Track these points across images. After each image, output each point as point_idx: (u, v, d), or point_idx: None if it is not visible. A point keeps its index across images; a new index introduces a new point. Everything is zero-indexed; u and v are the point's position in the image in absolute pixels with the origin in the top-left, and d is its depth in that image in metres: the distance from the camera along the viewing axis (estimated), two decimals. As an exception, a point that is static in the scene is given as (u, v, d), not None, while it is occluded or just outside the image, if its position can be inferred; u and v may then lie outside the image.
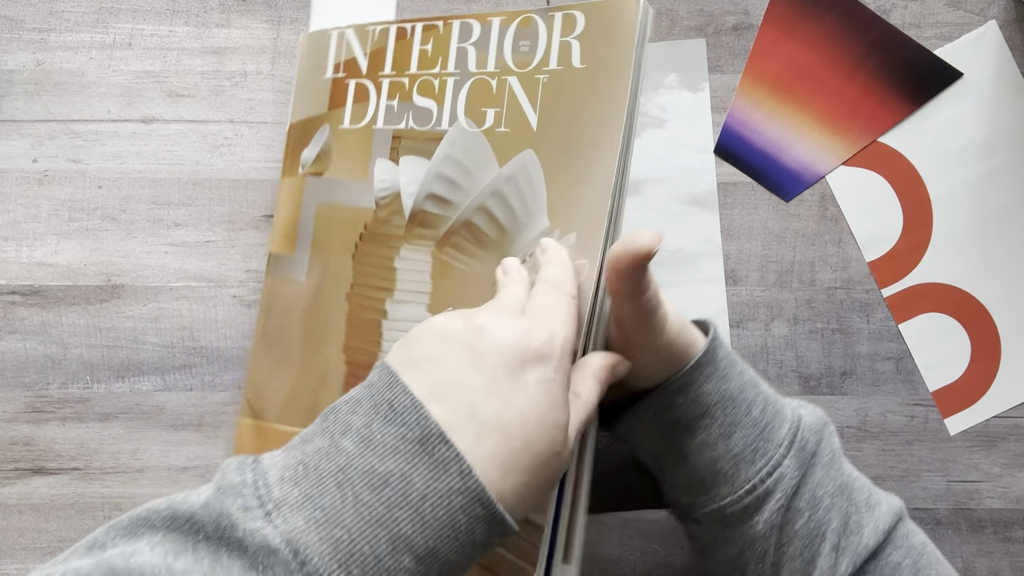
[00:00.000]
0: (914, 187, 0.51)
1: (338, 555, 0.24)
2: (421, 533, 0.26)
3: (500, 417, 0.28)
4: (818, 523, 0.37)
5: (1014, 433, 0.50)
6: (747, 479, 0.37)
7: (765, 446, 0.37)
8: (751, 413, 0.37)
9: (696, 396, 0.37)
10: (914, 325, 0.50)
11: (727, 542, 0.38)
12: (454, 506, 0.26)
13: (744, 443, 0.37)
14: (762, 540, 0.37)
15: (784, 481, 0.37)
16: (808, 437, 0.37)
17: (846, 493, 0.38)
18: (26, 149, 0.50)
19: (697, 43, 0.51)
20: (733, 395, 0.37)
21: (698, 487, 0.39)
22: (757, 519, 0.37)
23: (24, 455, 0.50)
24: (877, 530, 0.37)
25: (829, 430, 0.39)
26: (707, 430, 0.37)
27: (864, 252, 0.51)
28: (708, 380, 0.37)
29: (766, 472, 0.37)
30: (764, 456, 0.37)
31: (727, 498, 0.37)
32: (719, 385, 0.37)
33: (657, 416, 0.38)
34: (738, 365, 0.39)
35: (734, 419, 0.37)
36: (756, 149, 0.51)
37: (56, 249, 0.50)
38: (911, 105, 0.50)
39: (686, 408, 0.37)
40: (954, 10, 0.51)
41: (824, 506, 0.37)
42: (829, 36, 0.50)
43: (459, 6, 0.51)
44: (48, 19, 0.50)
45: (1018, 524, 0.50)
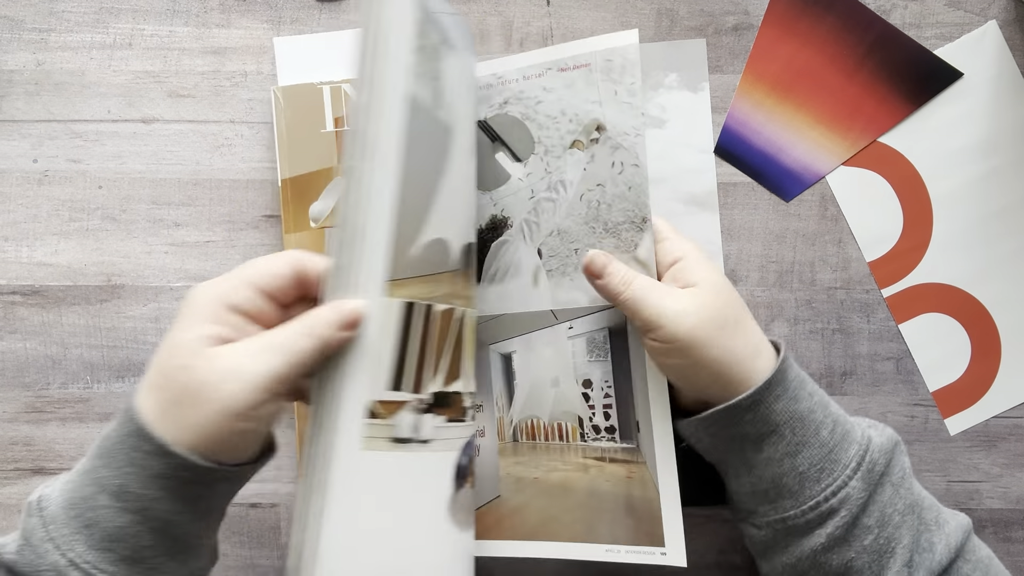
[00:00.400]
0: (914, 187, 0.50)
1: (64, 502, 0.33)
2: (113, 474, 0.33)
3: (159, 373, 0.34)
4: (888, 539, 0.37)
5: (1014, 433, 0.50)
6: (811, 496, 0.38)
7: (832, 466, 0.38)
8: (820, 434, 0.38)
9: (765, 415, 0.38)
10: (914, 325, 0.50)
11: (787, 549, 0.39)
12: (128, 446, 0.33)
13: (810, 462, 0.38)
14: (823, 552, 0.38)
15: (850, 501, 0.37)
16: (877, 459, 0.38)
17: (916, 512, 0.38)
18: (26, 149, 0.50)
19: (697, 43, 0.51)
20: (802, 415, 0.38)
21: (761, 497, 0.40)
22: (820, 532, 0.38)
23: (24, 455, 0.50)
24: (949, 547, 0.38)
25: (900, 450, 0.40)
26: (774, 447, 0.38)
27: (864, 252, 0.51)
28: (778, 400, 0.38)
29: (831, 491, 0.37)
30: (830, 475, 0.38)
31: (790, 511, 0.38)
32: (788, 405, 0.38)
33: (725, 428, 0.39)
34: (808, 385, 0.39)
35: (802, 438, 0.38)
36: (756, 149, 0.51)
37: (56, 249, 0.50)
38: (911, 105, 0.50)
39: (754, 425, 0.38)
40: (954, 10, 0.51)
41: (894, 523, 0.38)
42: (829, 36, 0.50)
43: (459, 6, 0.51)
44: (48, 19, 0.51)
45: (1018, 524, 0.50)
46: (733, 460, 0.40)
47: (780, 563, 0.40)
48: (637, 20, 0.51)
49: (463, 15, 0.51)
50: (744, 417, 0.38)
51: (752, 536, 0.41)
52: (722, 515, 0.49)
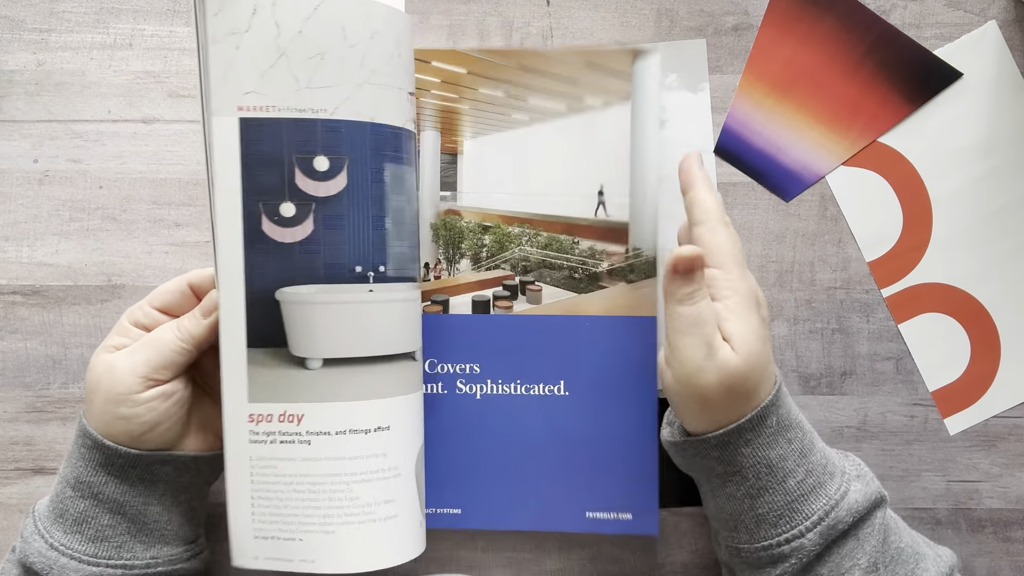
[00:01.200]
0: (914, 187, 0.51)
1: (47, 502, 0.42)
2: (71, 469, 0.41)
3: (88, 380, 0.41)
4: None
5: (1014, 433, 0.50)
6: (764, 538, 0.38)
7: (791, 516, 0.38)
8: (786, 482, 0.38)
9: (731, 456, 0.38)
10: (914, 325, 0.50)
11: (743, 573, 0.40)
12: (79, 444, 0.41)
13: (770, 507, 0.38)
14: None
15: (803, 551, 0.37)
16: (843, 516, 0.37)
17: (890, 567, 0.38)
18: (27, 149, 0.50)
19: (697, 43, 0.51)
20: (771, 462, 0.38)
21: (722, 523, 0.41)
22: (771, 571, 0.38)
23: (25, 455, 0.50)
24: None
25: (881, 505, 0.39)
26: (737, 486, 0.39)
27: (864, 252, 0.51)
28: (748, 444, 0.38)
29: (784, 539, 0.38)
30: (788, 523, 0.38)
31: (743, 544, 0.39)
32: (758, 451, 0.38)
33: (693, 457, 0.40)
34: (789, 432, 0.38)
35: (765, 484, 0.38)
36: (756, 149, 0.51)
37: (57, 249, 0.50)
38: (911, 105, 0.50)
39: (720, 463, 0.39)
40: (954, 10, 0.51)
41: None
42: (829, 36, 0.50)
43: (459, 6, 0.51)
44: (49, 19, 0.51)
45: (1018, 524, 0.50)
46: (701, 484, 0.42)
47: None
48: (637, 20, 0.51)
49: (463, 15, 0.51)
50: (711, 453, 0.39)
51: (717, 552, 0.43)
52: (722, 515, 0.49)
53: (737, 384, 0.37)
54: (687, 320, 0.37)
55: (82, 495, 0.40)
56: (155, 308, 0.42)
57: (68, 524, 0.40)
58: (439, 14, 0.51)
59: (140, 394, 0.39)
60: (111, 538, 0.40)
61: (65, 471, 0.41)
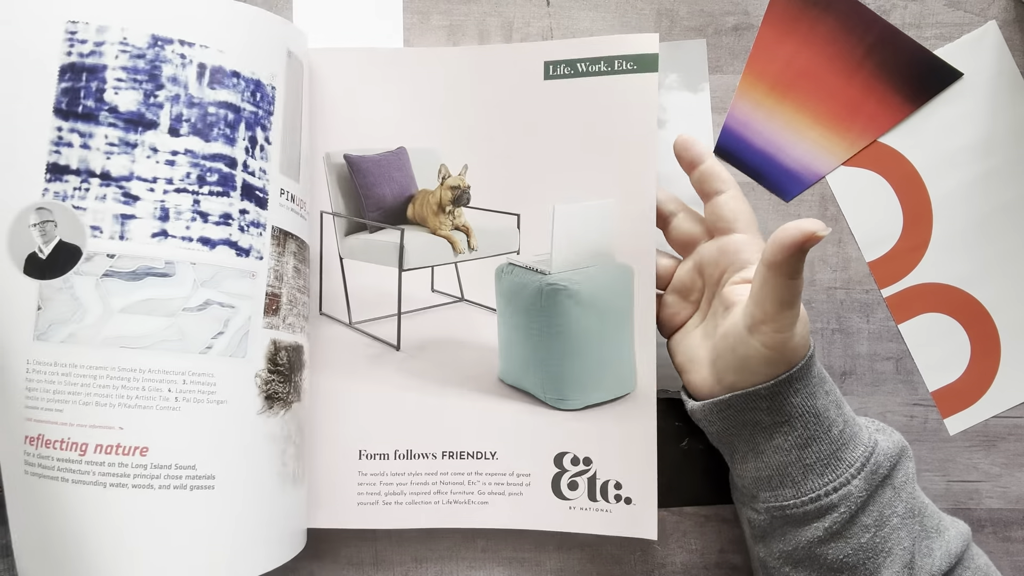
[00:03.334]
0: (914, 187, 0.51)
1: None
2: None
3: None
4: (884, 540, 0.38)
5: (1013, 433, 0.50)
6: (813, 489, 0.39)
7: (837, 464, 0.39)
8: (830, 431, 0.39)
9: (782, 405, 0.39)
10: (914, 325, 0.50)
11: (784, 537, 0.40)
12: None
13: (817, 456, 0.39)
14: (819, 544, 0.39)
15: (850, 499, 0.38)
16: (882, 462, 0.39)
17: (917, 517, 0.39)
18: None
19: (697, 43, 0.51)
20: (817, 411, 0.39)
21: (764, 483, 0.41)
22: (817, 525, 0.39)
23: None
24: (949, 553, 0.39)
25: (906, 455, 0.41)
26: (785, 436, 0.39)
27: (864, 252, 0.51)
28: (797, 394, 0.39)
29: (832, 487, 0.38)
30: (834, 472, 0.39)
31: (790, 500, 0.40)
32: (806, 400, 0.39)
33: (740, 413, 0.40)
34: (826, 384, 0.40)
35: (813, 433, 0.39)
36: (756, 149, 0.51)
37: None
38: (911, 105, 0.50)
39: (769, 414, 0.39)
40: (954, 10, 0.51)
41: (891, 525, 0.38)
42: (829, 36, 0.50)
43: (459, 6, 0.51)
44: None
45: (1017, 524, 0.50)
46: (741, 445, 0.41)
47: (777, 549, 0.41)
48: (637, 20, 0.51)
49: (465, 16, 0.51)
50: (761, 405, 0.39)
51: (751, 520, 0.42)
52: (722, 515, 0.49)
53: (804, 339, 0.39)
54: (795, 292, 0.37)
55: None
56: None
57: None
58: (439, 14, 0.51)
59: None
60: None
61: None
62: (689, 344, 0.44)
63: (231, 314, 0.40)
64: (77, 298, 0.37)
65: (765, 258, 0.37)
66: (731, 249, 0.42)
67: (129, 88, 0.38)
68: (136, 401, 0.37)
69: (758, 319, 0.38)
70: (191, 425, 0.38)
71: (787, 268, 0.37)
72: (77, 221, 0.37)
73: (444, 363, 0.48)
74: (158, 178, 0.38)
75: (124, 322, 0.37)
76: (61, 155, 0.37)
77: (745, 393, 0.39)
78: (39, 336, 0.37)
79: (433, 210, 0.49)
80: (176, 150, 0.38)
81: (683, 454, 0.49)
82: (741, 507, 0.44)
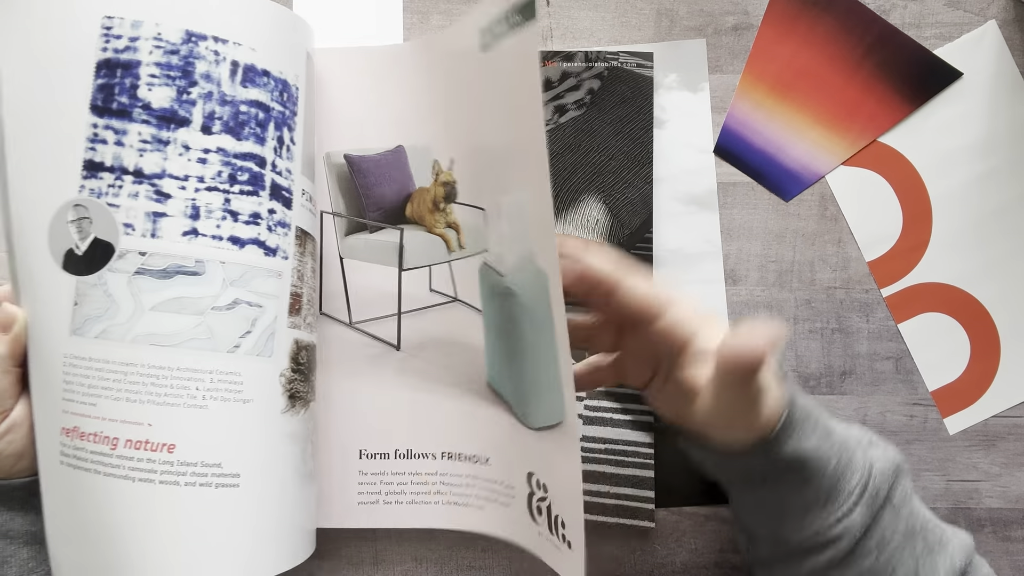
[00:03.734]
0: (914, 187, 0.51)
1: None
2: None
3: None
4: (887, 562, 0.38)
5: (1013, 432, 0.50)
6: (813, 524, 0.38)
7: (836, 496, 0.38)
8: (826, 469, 0.38)
9: (775, 460, 0.38)
10: (913, 325, 0.50)
11: (788, 567, 0.40)
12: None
13: (815, 495, 0.38)
14: (821, 572, 0.38)
15: (853, 528, 0.37)
16: (880, 484, 0.38)
17: (919, 534, 0.39)
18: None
19: (697, 43, 0.51)
20: (808, 454, 0.38)
21: (763, 521, 0.40)
22: (819, 557, 0.38)
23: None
24: (954, 569, 0.38)
25: (902, 471, 0.40)
26: (781, 484, 0.38)
27: (864, 252, 0.51)
28: (786, 443, 0.37)
29: (835, 519, 0.38)
30: (834, 505, 0.38)
31: (792, 535, 0.39)
32: (797, 444, 0.38)
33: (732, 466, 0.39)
34: (812, 417, 0.38)
35: (809, 474, 0.38)
36: (756, 149, 0.51)
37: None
38: (911, 105, 0.50)
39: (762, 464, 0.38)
40: (954, 10, 0.51)
41: (894, 545, 0.38)
42: (829, 36, 0.50)
43: (459, 6, 0.51)
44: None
45: (1017, 523, 0.50)
46: (735, 485, 0.41)
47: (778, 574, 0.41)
48: (637, 20, 0.51)
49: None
50: (752, 461, 0.38)
51: (750, 551, 0.42)
52: (722, 515, 0.49)
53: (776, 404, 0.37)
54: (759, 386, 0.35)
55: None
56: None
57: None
58: (439, 14, 0.51)
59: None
60: (36, 569, 0.39)
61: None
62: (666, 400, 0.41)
63: (259, 314, 0.40)
64: (110, 295, 0.37)
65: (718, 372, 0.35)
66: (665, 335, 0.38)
67: (162, 84, 0.38)
68: (165, 398, 0.37)
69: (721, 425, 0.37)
70: (218, 423, 0.38)
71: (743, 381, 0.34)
72: (111, 218, 0.37)
73: (445, 363, 0.48)
74: (190, 176, 0.38)
75: (154, 320, 0.37)
76: (96, 152, 0.37)
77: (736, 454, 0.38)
78: (75, 331, 0.37)
79: (429, 208, 0.49)
80: (208, 148, 0.38)
81: (683, 454, 0.49)
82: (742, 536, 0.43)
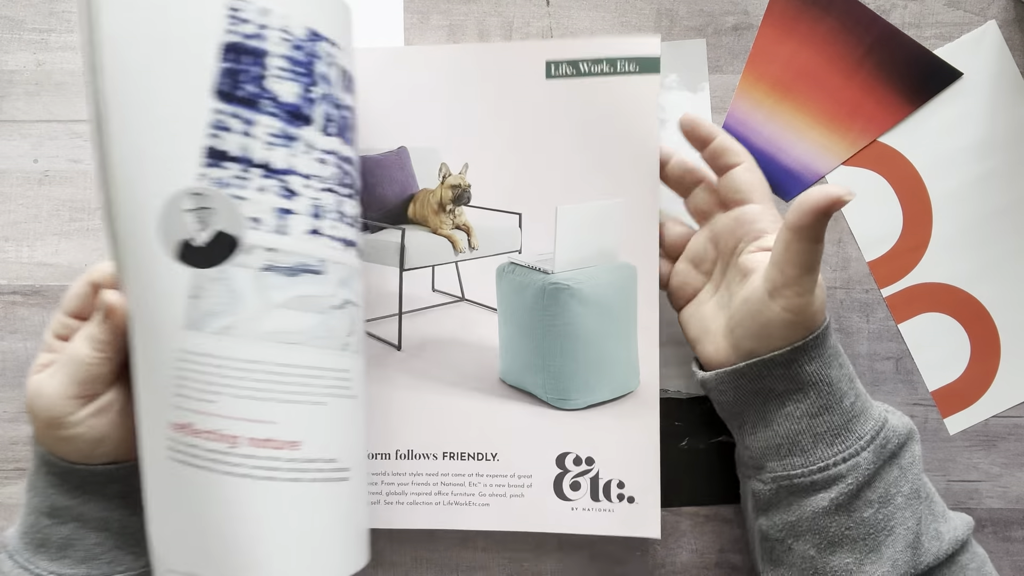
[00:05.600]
0: (914, 187, 0.51)
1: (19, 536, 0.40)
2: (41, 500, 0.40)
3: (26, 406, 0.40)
4: (887, 518, 0.38)
5: (1013, 433, 0.50)
6: (822, 458, 0.39)
7: (847, 435, 0.39)
8: (843, 402, 0.40)
9: (796, 373, 0.39)
10: (914, 325, 0.50)
11: (789, 507, 0.40)
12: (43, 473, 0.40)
13: (828, 426, 0.39)
14: (823, 516, 0.39)
15: (858, 470, 0.38)
16: (891, 437, 0.39)
17: (924, 500, 0.40)
18: (27, 149, 0.50)
19: (697, 43, 0.51)
20: (831, 381, 0.40)
21: (773, 452, 0.41)
22: (823, 496, 0.39)
23: (25, 455, 0.50)
24: (956, 540, 0.39)
25: (914, 438, 0.41)
26: (797, 405, 0.40)
27: (864, 252, 0.51)
28: (811, 361, 0.39)
29: (842, 457, 0.39)
30: (844, 442, 0.39)
31: (798, 469, 0.40)
32: (820, 369, 0.39)
33: (753, 381, 0.41)
34: (840, 357, 0.41)
35: (826, 402, 0.39)
36: (756, 149, 0.51)
37: (57, 249, 0.50)
38: (911, 105, 0.50)
39: (784, 381, 0.40)
40: (954, 10, 0.51)
41: (896, 504, 0.39)
42: (829, 36, 0.50)
43: (459, 6, 0.51)
44: (49, 19, 0.51)
45: (1017, 524, 0.50)
46: (751, 414, 0.42)
47: (780, 520, 0.41)
48: (637, 20, 0.51)
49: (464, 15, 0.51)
50: (776, 372, 0.40)
51: (756, 491, 0.42)
52: (722, 515, 0.49)
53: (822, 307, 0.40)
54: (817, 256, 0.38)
55: (62, 521, 0.40)
56: (69, 315, 0.40)
57: (53, 551, 0.39)
58: (439, 14, 0.51)
59: (74, 415, 0.38)
60: (101, 555, 0.40)
61: (35, 501, 0.40)
62: (703, 315, 0.45)
63: (357, 313, 0.41)
64: (234, 290, 0.36)
65: (789, 222, 0.38)
66: (747, 219, 0.43)
67: (290, 79, 0.37)
68: (290, 396, 0.37)
69: (779, 283, 0.39)
70: (334, 419, 0.39)
71: (810, 232, 0.37)
72: (236, 211, 0.36)
73: (445, 363, 0.48)
74: (312, 175, 0.38)
75: (282, 317, 0.37)
76: (220, 139, 0.35)
77: (761, 360, 0.40)
78: (191, 325, 0.35)
79: (433, 209, 0.49)
80: (327, 149, 0.38)
81: (683, 454, 0.50)
82: (746, 480, 0.44)
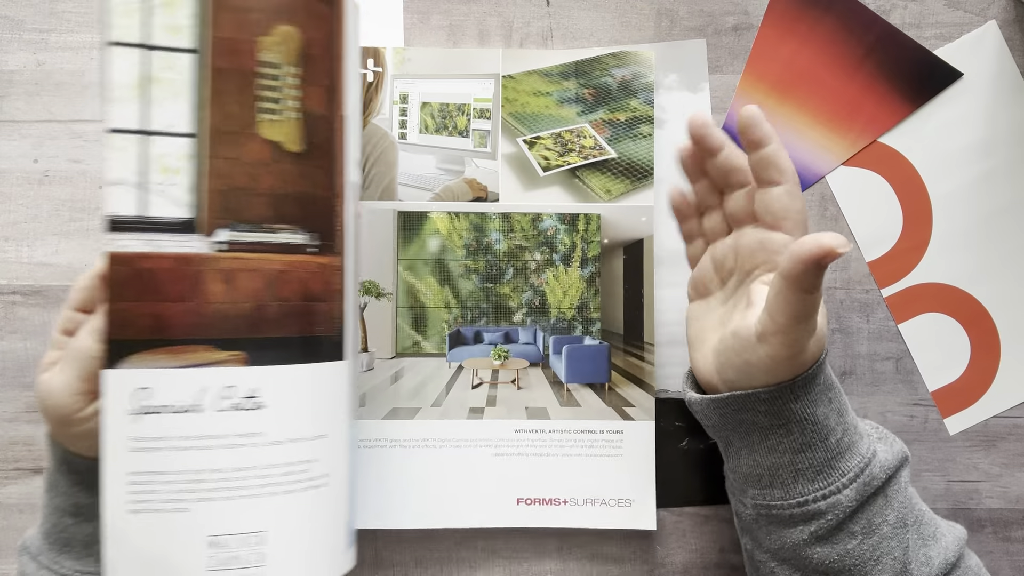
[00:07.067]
0: (914, 187, 0.51)
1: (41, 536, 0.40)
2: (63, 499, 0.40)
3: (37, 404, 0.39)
4: (873, 548, 0.38)
5: (1013, 433, 0.50)
6: (801, 494, 0.38)
7: (830, 471, 0.38)
8: (828, 440, 0.38)
9: (779, 409, 0.38)
10: (913, 325, 0.50)
11: (769, 534, 0.40)
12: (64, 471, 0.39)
13: (811, 463, 0.38)
14: (804, 547, 0.39)
15: (839, 507, 0.38)
16: (876, 474, 0.38)
17: (912, 527, 0.39)
18: (27, 149, 0.50)
19: (697, 43, 0.51)
20: (816, 419, 0.38)
21: (754, 480, 0.40)
22: (803, 528, 0.38)
23: (25, 455, 0.50)
24: (947, 562, 0.38)
25: (905, 465, 0.40)
26: (780, 439, 0.39)
27: (864, 252, 0.51)
28: (797, 400, 0.38)
29: (822, 495, 0.38)
30: (826, 480, 0.38)
31: (777, 500, 0.39)
32: (806, 407, 0.38)
33: (737, 412, 0.40)
34: (831, 391, 0.39)
35: (810, 439, 0.38)
36: (756, 149, 0.51)
37: (57, 249, 0.50)
38: (911, 105, 0.50)
39: (768, 416, 0.39)
40: (954, 10, 0.51)
41: (881, 533, 0.38)
42: (829, 36, 0.50)
43: (459, 7, 0.51)
44: (49, 19, 0.51)
45: (1017, 524, 0.50)
46: (736, 440, 0.41)
47: (763, 544, 0.41)
48: (637, 20, 0.51)
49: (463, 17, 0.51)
50: (759, 407, 0.39)
51: (738, 512, 0.43)
52: (722, 515, 0.49)
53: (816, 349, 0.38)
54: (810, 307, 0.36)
55: (86, 518, 0.39)
56: (75, 310, 0.40)
57: (78, 549, 0.40)
58: (439, 14, 0.51)
59: (83, 411, 0.38)
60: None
61: (57, 501, 0.40)
62: (704, 323, 0.44)
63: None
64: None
65: (781, 270, 0.35)
66: (770, 247, 0.40)
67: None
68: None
69: (769, 330, 0.37)
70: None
71: (803, 282, 0.35)
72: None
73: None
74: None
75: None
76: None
77: (744, 395, 0.39)
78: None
79: None
80: None
81: (683, 454, 0.49)
82: (731, 496, 0.44)
